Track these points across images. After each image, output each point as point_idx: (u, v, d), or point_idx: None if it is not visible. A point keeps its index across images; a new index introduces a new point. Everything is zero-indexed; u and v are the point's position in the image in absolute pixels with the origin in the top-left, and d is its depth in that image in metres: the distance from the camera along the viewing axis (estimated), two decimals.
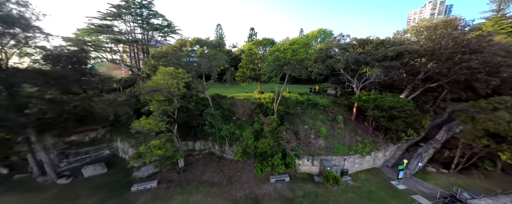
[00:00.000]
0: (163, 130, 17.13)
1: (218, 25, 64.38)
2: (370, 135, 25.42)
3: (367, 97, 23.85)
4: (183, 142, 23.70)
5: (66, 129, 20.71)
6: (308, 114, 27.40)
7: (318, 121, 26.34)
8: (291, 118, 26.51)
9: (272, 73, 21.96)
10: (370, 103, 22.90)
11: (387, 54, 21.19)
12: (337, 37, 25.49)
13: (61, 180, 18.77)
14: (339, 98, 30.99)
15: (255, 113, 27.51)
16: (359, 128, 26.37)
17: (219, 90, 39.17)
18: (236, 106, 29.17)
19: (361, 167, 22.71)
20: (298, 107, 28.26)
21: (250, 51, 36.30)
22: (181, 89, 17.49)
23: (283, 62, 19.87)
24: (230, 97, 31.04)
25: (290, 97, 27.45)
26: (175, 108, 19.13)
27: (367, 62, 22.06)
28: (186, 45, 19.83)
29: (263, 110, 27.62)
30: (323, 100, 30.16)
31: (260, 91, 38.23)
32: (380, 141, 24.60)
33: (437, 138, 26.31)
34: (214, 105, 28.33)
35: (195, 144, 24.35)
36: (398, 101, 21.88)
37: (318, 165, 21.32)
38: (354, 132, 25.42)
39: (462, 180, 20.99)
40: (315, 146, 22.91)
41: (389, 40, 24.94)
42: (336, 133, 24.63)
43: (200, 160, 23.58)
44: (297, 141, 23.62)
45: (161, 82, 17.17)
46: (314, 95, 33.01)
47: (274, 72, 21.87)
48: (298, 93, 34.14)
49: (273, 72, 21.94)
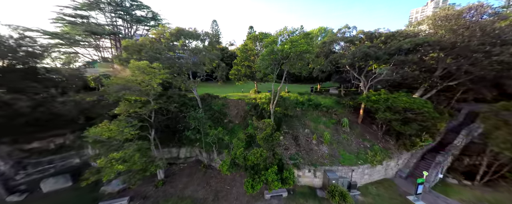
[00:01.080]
0: (134, 138, 13.95)
1: (213, 21, 61.25)
2: (380, 140, 22.32)
3: (377, 97, 20.75)
4: (166, 149, 20.53)
5: (24, 134, 17.54)
6: (309, 116, 24.29)
7: (321, 124, 23.22)
8: (290, 121, 23.38)
9: (267, 70, 18.83)
10: (381, 104, 19.79)
11: (401, 46, 18.10)
12: (342, 29, 22.41)
13: (12, 197, 15.57)
14: (343, 98, 27.88)
15: (249, 115, 24.38)
16: (367, 132, 23.26)
17: (212, 89, 36.04)
18: (228, 107, 26.03)
19: (371, 179, 19.59)
20: (298, 108, 25.14)
21: (245, 46, 33.25)
22: (156, 87, 14.33)
23: (280, 56, 16.77)
24: (222, 97, 27.90)
25: (288, 97, 24.32)
26: (151, 110, 15.99)
27: (377, 57, 18.96)
28: (165, 36, 16.76)
29: (258, 112, 24.50)
30: (325, 100, 27.05)
31: (256, 90, 35.16)
32: (392, 148, 21.49)
33: (455, 144, 23.18)
34: (204, 106, 25.18)
35: (180, 151, 21.18)
36: (414, 101, 18.79)
37: (322, 177, 18.20)
38: (361, 137, 22.31)
39: (490, 195, 17.90)
40: (317, 153, 19.79)
41: (401, 32, 21.87)
42: (341, 138, 21.51)
43: (184, 169, 20.40)
44: (297, 147, 20.50)
45: (131, 78, 14.02)
46: (316, 95, 29.89)
47: (270, 68, 18.75)
48: (298, 92, 31.03)
49: (269, 68, 18.82)
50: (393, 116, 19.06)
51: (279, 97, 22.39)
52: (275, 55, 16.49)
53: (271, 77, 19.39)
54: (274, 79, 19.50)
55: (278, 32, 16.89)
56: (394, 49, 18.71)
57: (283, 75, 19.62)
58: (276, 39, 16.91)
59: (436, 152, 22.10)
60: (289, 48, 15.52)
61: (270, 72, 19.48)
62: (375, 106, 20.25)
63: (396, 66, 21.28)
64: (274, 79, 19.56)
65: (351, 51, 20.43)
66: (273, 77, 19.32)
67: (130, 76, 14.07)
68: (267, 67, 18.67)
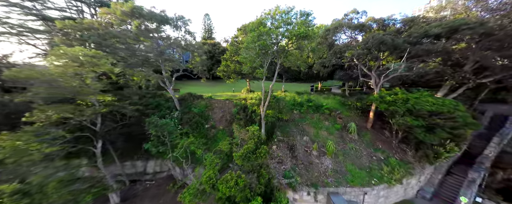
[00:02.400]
0: (54, 155, 9.71)
1: (206, 15, 56.91)
2: (395, 150, 18.18)
3: (393, 97, 16.59)
4: (129, 162, 16.31)
5: None
6: (308, 120, 20.13)
7: (323, 130, 19.08)
8: (286, 126, 19.23)
9: (255, 62, 14.63)
10: (400, 107, 15.63)
11: (428, 32, 13.94)
12: (348, 14, 18.24)
13: None
14: (349, 99, 23.74)
15: (236, 119, 20.19)
16: (379, 140, 19.12)
17: (200, 88, 31.93)
18: (212, 110, 21.81)
19: (388, 201, 15.48)
20: (295, 110, 20.98)
21: (235, 39, 29.04)
22: (90, 83, 10.10)
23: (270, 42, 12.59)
24: (207, 98, 23.69)
25: (283, 98, 20.07)
26: (95, 114, 11.76)
27: (395, 45, 14.81)
28: (116, 15, 12.54)
29: (247, 115, 20.32)
30: (328, 101, 22.89)
31: (249, 89, 31.02)
32: (411, 160, 17.35)
33: (486, 154, 19.08)
34: (182, 109, 20.97)
35: (147, 164, 16.96)
36: (444, 103, 14.67)
37: (324, 201, 14.06)
38: (373, 146, 18.17)
39: None
40: (318, 168, 15.65)
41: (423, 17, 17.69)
42: (348, 149, 17.37)
43: (150, 189, 16.19)
44: (293, 160, 16.35)
45: (56, 71, 9.79)
46: (317, 95, 25.75)
47: (258, 60, 14.56)
48: (296, 92, 26.89)
49: (257, 61, 14.64)
50: (415, 121, 14.90)
51: (272, 97, 18.22)
52: (263, 42, 12.28)
53: (260, 73, 15.20)
54: (265, 74, 15.31)
55: (268, 11, 12.69)
56: (418, 36, 14.55)
57: (276, 70, 15.39)
58: (265, 20, 12.71)
59: (465, 164, 18.00)
60: (281, 30, 11.31)
61: (259, 65, 15.28)
62: (391, 108, 16.10)
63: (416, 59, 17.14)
64: (265, 75, 15.37)
65: (362, 40, 16.25)
66: (263, 72, 15.11)
67: (54, 68, 9.83)
68: (254, 59, 14.46)
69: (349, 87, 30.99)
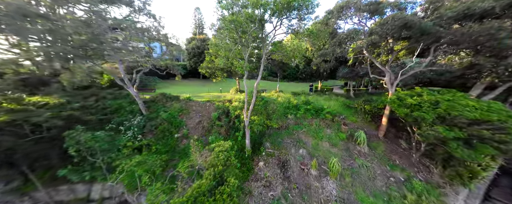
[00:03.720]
0: None
1: (196, 9, 52.88)
2: (417, 167, 14.21)
3: (417, 99, 12.60)
4: (65, 186, 12.22)
5: None
6: (306, 127, 16.16)
7: (324, 141, 15.10)
8: (277, 135, 15.24)
9: (233, 51, 10.64)
10: (427, 112, 11.63)
11: (471, 8, 9.96)
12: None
13: None
14: (355, 101, 19.79)
15: (215, 126, 16.19)
16: (395, 153, 15.14)
17: (186, 88, 28.09)
18: (188, 114, 17.76)
19: None
20: (290, 115, 16.99)
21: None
22: None
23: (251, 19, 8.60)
24: (184, 99, 19.65)
25: (274, 99, 15.96)
26: None
27: (423, 29, 10.85)
28: None
29: (231, 121, 16.35)
30: (330, 103, 18.92)
31: (238, 89, 27.04)
32: (439, 181, 13.35)
33: None
34: (150, 113, 16.92)
35: (92, 188, 12.87)
36: (490, 108, 10.68)
37: None
38: (388, 162, 14.18)
39: None
40: (318, 196, 11.64)
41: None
42: (358, 166, 13.37)
43: None
44: (285, 182, 12.36)
45: None
46: (316, 96, 21.78)
47: (235, 49, 10.58)
48: (292, 92, 22.92)
49: (235, 50, 10.67)
50: (451, 132, 10.90)
51: (259, 99, 14.20)
52: (237, 18, 8.28)
53: (240, 67, 11.19)
54: (246, 68, 11.27)
55: None
56: (454, 15, 10.57)
57: (261, 64, 11.35)
58: None
59: (509, 186, 14.01)
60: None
61: (238, 56, 11.26)
62: (415, 114, 12.07)
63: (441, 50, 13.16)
64: (246, 69, 11.34)
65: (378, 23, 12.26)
66: (244, 65, 11.09)
67: None
68: (231, 47, 10.46)
69: (353, 87, 27.03)
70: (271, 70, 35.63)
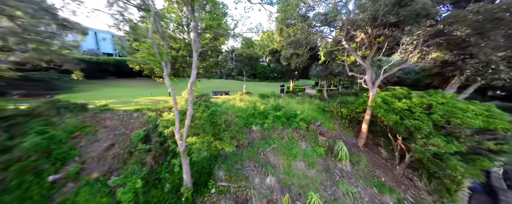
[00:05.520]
0: None
1: None
2: (402, 181, 11.92)
3: (408, 102, 9.97)
4: None
5: None
6: (276, 141, 12.06)
7: (298, 160, 11.28)
8: (234, 159, 10.60)
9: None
10: (423, 121, 8.98)
11: None
12: None
13: None
14: (330, 103, 16.99)
15: (137, 153, 10.37)
16: (378, 166, 12.60)
17: (114, 91, 20.61)
18: (92, 135, 11.21)
19: None
20: (255, 125, 12.63)
21: None
22: None
23: None
24: (97, 108, 12.81)
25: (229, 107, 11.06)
26: None
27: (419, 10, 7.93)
28: None
29: (162, 143, 10.84)
30: (303, 106, 15.46)
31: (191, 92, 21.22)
32: (427, 197, 11.26)
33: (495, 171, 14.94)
34: (6, 139, 9.72)
35: None
36: (495, 114, 8.63)
37: None
38: (374, 181, 11.40)
39: None
40: None
41: None
42: (342, 195, 10.00)
43: None
44: None
45: None
46: (288, 97, 18.16)
47: None
48: (260, 95, 18.69)
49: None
50: (452, 145, 8.45)
51: (203, 108, 9.18)
52: None
53: (155, 60, 6.07)
54: (165, 62, 6.20)
55: None
56: None
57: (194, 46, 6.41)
58: None
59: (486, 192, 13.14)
60: None
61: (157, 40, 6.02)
62: (408, 123, 9.31)
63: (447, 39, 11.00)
64: (165, 63, 6.27)
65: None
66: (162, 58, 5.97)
67: None
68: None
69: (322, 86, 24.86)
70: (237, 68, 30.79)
